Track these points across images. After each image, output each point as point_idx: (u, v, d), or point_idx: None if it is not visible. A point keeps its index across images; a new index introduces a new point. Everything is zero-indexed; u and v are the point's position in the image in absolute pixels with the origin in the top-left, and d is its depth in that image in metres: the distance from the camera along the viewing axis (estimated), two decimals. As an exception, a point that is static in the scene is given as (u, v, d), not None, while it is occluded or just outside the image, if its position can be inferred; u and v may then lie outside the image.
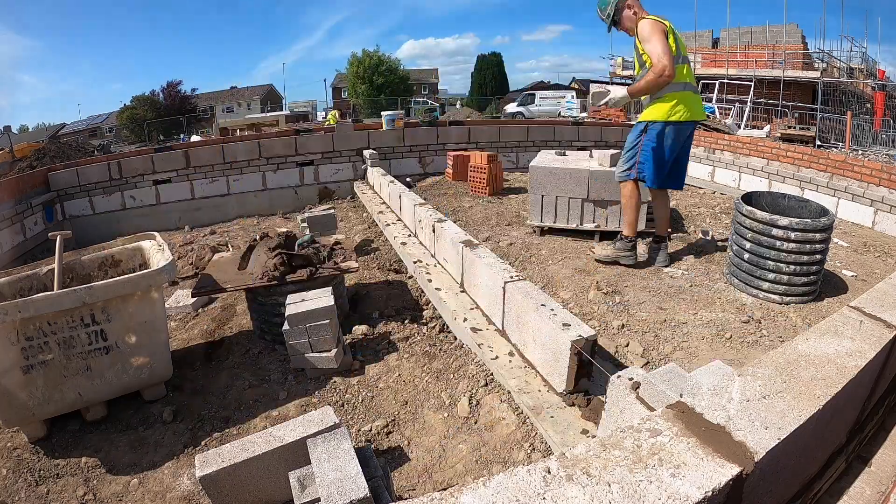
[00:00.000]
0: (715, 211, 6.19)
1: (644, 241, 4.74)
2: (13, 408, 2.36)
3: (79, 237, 5.50)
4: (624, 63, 24.63)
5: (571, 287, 3.91)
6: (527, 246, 4.89)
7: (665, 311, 3.47)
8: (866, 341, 1.44)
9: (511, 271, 3.05)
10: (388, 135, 8.05)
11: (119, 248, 3.16)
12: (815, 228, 3.51)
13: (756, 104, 17.97)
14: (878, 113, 16.40)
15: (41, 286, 2.80)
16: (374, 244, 5.24)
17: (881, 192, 5.66)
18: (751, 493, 1.03)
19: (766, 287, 3.65)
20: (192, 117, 33.24)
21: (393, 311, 3.67)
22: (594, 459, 1.00)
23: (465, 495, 0.92)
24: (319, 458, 1.59)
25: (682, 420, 1.12)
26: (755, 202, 3.98)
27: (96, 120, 40.33)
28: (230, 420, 2.60)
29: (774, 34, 19.61)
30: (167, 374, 2.77)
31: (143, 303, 2.58)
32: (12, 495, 2.17)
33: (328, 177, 7.58)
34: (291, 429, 1.88)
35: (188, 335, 3.51)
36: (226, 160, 6.99)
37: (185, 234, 6.36)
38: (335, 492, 1.46)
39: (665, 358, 2.94)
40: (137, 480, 2.25)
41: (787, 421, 1.11)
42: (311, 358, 2.86)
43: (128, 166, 6.51)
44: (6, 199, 5.27)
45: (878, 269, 4.37)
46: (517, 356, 2.76)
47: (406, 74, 41.30)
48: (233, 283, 3.22)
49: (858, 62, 19.40)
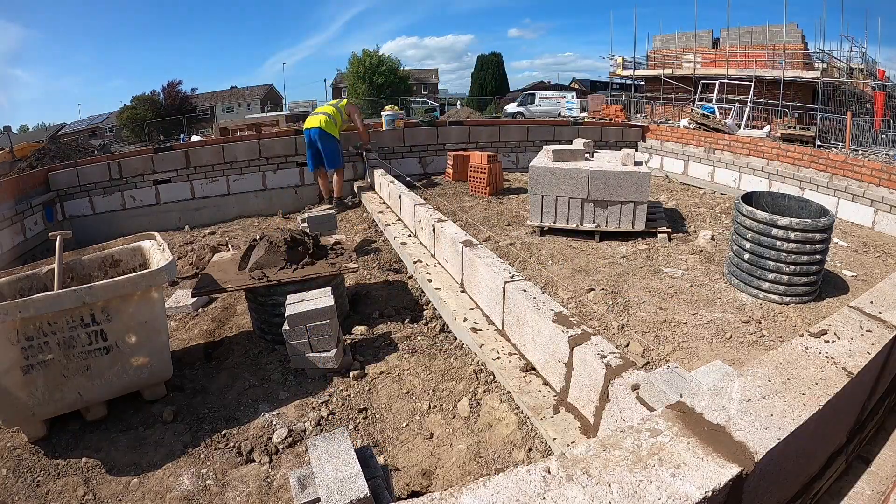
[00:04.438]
0: (715, 211, 6.19)
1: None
2: (13, 408, 2.36)
3: (79, 237, 5.49)
4: (624, 63, 24.62)
5: (571, 287, 3.91)
6: (527, 246, 4.89)
7: (665, 311, 3.47)
8: (866, 341, 1.44)
9: (511, 271, 3.05)
10: (388, 135, 8.06)
11: (119, 249, 3.16)
12: (815, 228, 3.51)
13: (756, 104, 17.96)
14: (878, 113, 16.39)
15: (41, 286, 2.80)
16: (374, 244, 5.24)
17: (881, 192, 5.66)
18: (751, 493, 1.03)
19: (766, 287, 3.65)
20: (192, 117, 33.20)
21: (393, 311, 3.67)
22: (594, 459, 1.00)
23: (465, 495, 0.92)
24: (319, 458, 1.59)
25: (682, 420, 1.12)
26: (755, 202, 3.98)
27: (96, 120, 40.32)
28: (230, 420, 2.60)
29: (774, 34, 19.59)
30: (167, 374, 2.77)
31: (143, 303, 2.57)
32: (12, 495, 2.17)
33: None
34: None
35: (188, 335, 3.51)
36: (226, 160, 6.99)
37: (185, 234, 6.35)
38: (335, 491, 1.46)
39: (665, 358, 2.94)
40: (137, 480, 2.25)
41: (788, 421, 1.11)
42: (312, 358, 2.86)
43: (128, 166, 6.51)
44: (6, 199, 5.27)
45: (878, 269, 4.37)
46: (517, 356, 2.76)
47: (406, 74, 41.31)
48: (233, 283, 3.22)
49: (858, 62, 19.39)
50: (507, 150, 8.66)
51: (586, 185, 4.96)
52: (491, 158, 6.91)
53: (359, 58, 38.97)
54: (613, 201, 4.96)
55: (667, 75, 21.89)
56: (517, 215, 5.94)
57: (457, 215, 5.93)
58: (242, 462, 2.33)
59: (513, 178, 7.99)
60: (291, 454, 2.37)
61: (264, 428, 2.51)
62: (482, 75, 43.74)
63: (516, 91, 39.12)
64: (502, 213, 6.01)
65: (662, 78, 21.99)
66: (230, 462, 2.32)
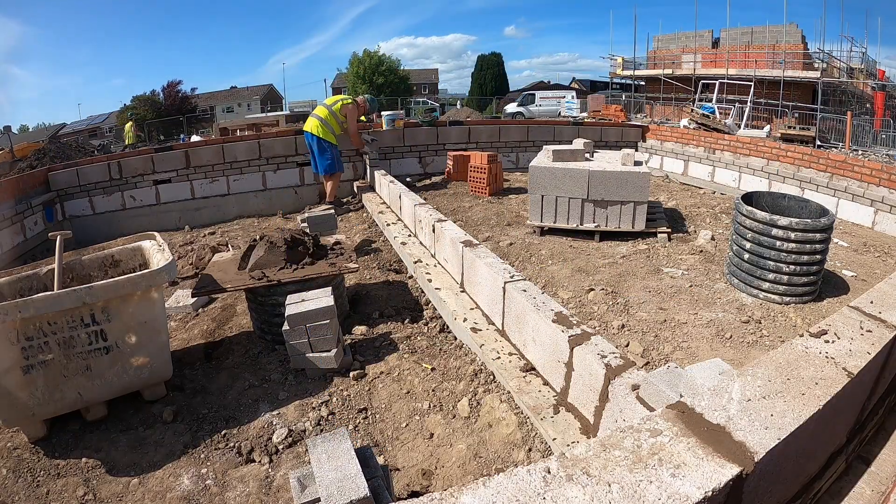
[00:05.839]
0: (715, 211, 6.19)
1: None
2: (13, 408, 2.36)
3: (79, 237, 5.50)
4: (624, 63, 24.61)
5: (571, 287, 3.91)
6: (527, 246, 4.88)
7: (665, 311, 3.47)
8: (866, 341, 1.44)
9: (511, 271, 3.05)
10: (389, 135, 8.06)
11: (119, 249, 3.16)
12: (815, 228, 3.51)
13: (756, 104, 17.97)
14: (878, 113, 16.39)
15: (41, 286, 2.80)
16: (374, 244, 5.24)
17: (881, 192, 5.66)
18: (751, 493, 1.03)
19: (766, 287, 3.65)
20: (192, 117, 33.20)
21: (393, 311, 3.67)
22: (594, 459, 1.00)
23: (465, 495, 0.92)
24: (319, 458, 1.59)
25: (683, 420, 1.12)
26: (755, 202, 3.99)
27: (96, 120, 40.31)
28: (230, 420, 2.60)
29: (774, 34, 19.59)
30: (167, 374, 2.77)
31: (143, 303, 2.57)
32: (12, 495, 2.17)
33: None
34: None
35: (188, 335, 3.51)
36: (226, 160, 6.99)
37: (185, 234, 6.35)
38: (335, 491, 1.46)
39: (665, 358, 2.94)
40: (137, 480, 2.25)
41: (788, 421, 1.11)
42: (312, 358, 2.86)
43: (128, 166, 6.50)
44: (6, 199, 5.27)
45: (878, 269, 4.37)
46: (517, 356, 2.76)
47: (406, 74, 41.28)
48: (233, 283, 3.22)
49: (858, 62, 19.39)
50: (507, 150, 8.66)
51: (586, 185, 4.96)
52: (491, 158, 6.91)
53: (359, 58, 38.93)
54: (613, 201, 4.95)
55: (667, 75, 21.90)
56: (517, 215, 5.94)
57: (457, 215, 5.94)
58: (242, 462, 2.33)
59: (513, 178, 7.99)
60: (291, 454, 2.37)
61: (264, 428, 2.51)
62: (482, 75, 43.76)
63: (516, 91, 39.12)
64: (502, 213, 6.01)
65: (662, 78, 21.99)
66: (230, 462, 2.32)
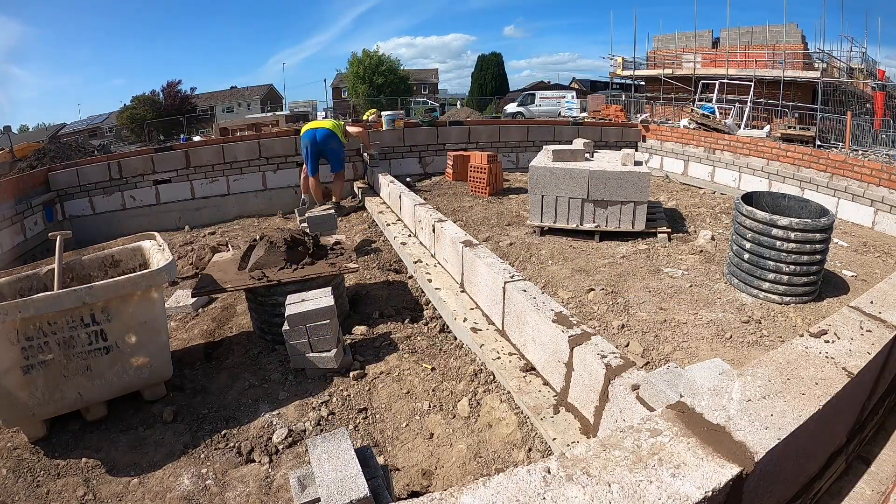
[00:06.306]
0: (715, 211, 6.19)
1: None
2: (13, 408, 2.36)
3: (79, 237, 5.50)
4: (624, 63, 24.60)
5: (571, 287, 3.91)
6: (527, 246, 4.88)
7: (665, 311, 3.47)
8: (866, 341, 1.44)
9: (511, 271, 3.05)
10: (389, 135, 8.06)
11: (119, 249, 3.16)
12: (815, 228, 3.51)
13: (756, 104, 17.96)
14: (878, 113, 16.38)
15: (41, 286, 2.80)
16: (374, 244, 5.24)
17: (881, 192, 5.66)
18: (751, 493, 1.03)
19: (766, 287, 3.65)
20: (192, 117, 33.20)
21: (393, 311, 3.67)
22: (594, 459, 1.00)
23: (465, 495, 0.92)
24: (319, 458, 1.59)
25: (683, 420, 1.12)
26: (755, 202, 3.98)
27: (96, 120, 40.31)
28: (230, 420, 2.60)
29: (774, 34, 19.58)
30: (167, 374, 2.77)
31: (143, 303, 2.57)
32: (12, 495, 2.17)
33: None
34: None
35: (188, 335, 3.51)
36: (226, 160, 6.99)
37: (185, 234, 6.36)
38: (335, 491, 1.46)
39: (665, 358, 2.94)
40: (137, 480, 2.25)
41: (788, 421, 1.11)
42: (312, 358, 2.86)
43: (128, 166, 6.51)
44: (6, 199, 5.27)
45: (878, 269, 4.37)
46: (517, 356, 2.76)
47: (406, 74, 41.27)
48: (233, 283, 3.22)
49: (858, 62, 19.39)
50: (507, 150, 8.66)
51: (586, 185, 4.96)
52: (491, 158, 6.91)
53: (359, 58, 38.92)
54: (613, 201, 4.95)
55: (667, 75, 21.88)
56: (517, 215, 5.94)
57: (457, 215, 5.93)
58: (242, 462, 2.33)
59: (513, 178, 7.99)
60: (291, 454, 2.37)
61: (264, 428, 2.51)
62: (482, 75, 43.73)
63: (516, 91, 39.10)
64: (502, 213, 6.01)
65: (662, 78, 21.98)
66: (230, 462, 2.32)
